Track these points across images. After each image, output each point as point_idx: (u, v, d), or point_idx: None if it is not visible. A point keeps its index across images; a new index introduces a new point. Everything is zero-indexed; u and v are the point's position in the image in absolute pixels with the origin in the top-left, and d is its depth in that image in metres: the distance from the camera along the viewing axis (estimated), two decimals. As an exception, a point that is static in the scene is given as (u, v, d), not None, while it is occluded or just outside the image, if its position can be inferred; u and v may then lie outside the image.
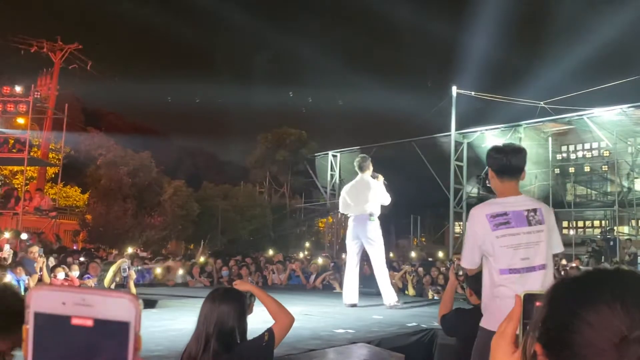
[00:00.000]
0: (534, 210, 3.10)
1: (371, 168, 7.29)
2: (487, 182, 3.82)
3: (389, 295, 7.20)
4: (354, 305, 7.13)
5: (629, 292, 0.76)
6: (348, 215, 7.43)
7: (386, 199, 7.21)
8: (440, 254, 19.34)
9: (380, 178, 7.25)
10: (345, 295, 7.29)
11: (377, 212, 7.15)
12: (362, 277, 7.69)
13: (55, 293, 0.60)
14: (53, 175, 27.00)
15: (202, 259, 12.68)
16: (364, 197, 7.13)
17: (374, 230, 7.10)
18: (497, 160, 3.14)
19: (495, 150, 3.22)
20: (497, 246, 3.05)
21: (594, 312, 0.76)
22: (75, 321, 0.59)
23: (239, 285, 2.93)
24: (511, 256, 3.02)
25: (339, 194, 26.95)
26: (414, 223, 24.95)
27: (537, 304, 0.84)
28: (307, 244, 25.54)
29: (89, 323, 0.59)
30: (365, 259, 7.72)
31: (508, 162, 3.11)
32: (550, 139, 20.96)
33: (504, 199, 3.15)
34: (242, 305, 2.66)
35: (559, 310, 0.80)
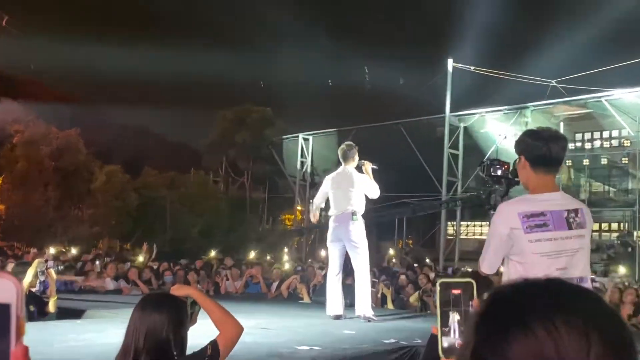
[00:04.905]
0: (575, 211, 3.07)
1: (357, 159, 7.38)
2: (491, 170, 3.76)
3: (364, 306, 7.25)
4: (339, 317, 7.23)
5: (561, 311, 0.78)
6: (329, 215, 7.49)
7: (374, 192, 7.30)
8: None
9: (368, 164, 7.34)
10: (329, 306, 7.39)
11: (361, 210, 7.24)
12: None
13: None
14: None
15: (140, 259, 12.57)
16: (346, 194, 7.20)
17: (358, 232, 7.18)
18: (535, 147, 3.08)
19: (531, 135, 3.16)
20: (529, 252, 3.02)
21: (523, 337, 0.77)
22: None
23: (176, 290, 2.91)
24: (547, 265, 2.97)
25: (310, 185, 26.44)
26: (399, 222, 25.08)
27: (453, 291, 0.85)
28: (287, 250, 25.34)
29: None
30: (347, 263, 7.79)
31: (548, 152, 3.04)
32: (562, 124, 21.32)
33: (540, 195, 3.10)
34: (178, 313, 2.66)
35: (488, 337, 0.81)
